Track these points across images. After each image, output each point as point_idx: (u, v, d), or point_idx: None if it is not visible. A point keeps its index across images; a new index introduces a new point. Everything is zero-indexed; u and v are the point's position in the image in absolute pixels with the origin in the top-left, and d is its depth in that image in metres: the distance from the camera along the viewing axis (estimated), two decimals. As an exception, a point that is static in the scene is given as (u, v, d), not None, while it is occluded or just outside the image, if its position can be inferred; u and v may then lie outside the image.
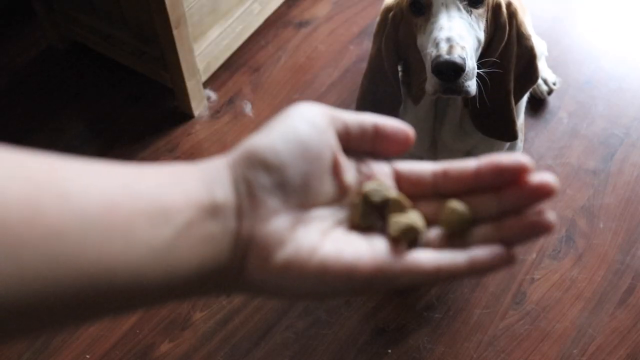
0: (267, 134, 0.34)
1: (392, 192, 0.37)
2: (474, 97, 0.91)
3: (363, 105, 1.08)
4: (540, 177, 0.34)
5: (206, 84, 1.54)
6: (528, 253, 1.29)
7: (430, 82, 0.89)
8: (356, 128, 0.37)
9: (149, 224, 0.30)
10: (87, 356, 1.18)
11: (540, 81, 1.47)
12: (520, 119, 1.07)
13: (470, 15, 0.90)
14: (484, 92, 0.92)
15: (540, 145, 1.44)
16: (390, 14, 0.97)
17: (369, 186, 0.37)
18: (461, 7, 0.89)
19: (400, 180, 0.38)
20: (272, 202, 0.33)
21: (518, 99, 1.01)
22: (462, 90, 0.88)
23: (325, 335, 1.20)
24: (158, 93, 1.55)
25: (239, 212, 0.33)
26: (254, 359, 1.18)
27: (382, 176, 0.38)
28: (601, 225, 1.32)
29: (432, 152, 1.06)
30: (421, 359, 1.17)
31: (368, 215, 0.36)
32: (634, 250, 1.28)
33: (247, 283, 0.34)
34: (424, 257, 0.35)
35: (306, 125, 0.35)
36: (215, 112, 1.52)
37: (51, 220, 0.27)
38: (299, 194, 0.34)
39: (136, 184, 0.31)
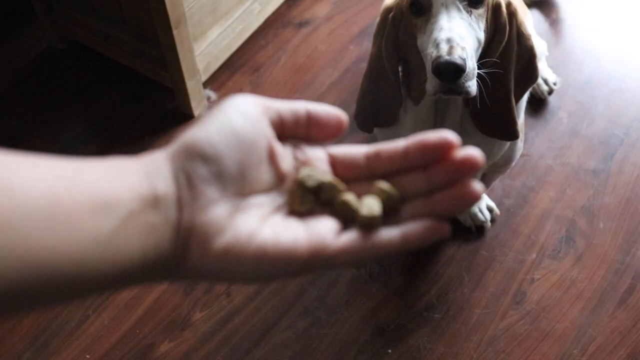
0: (203, 127, 0.36)
1: (327, 176, 0.38)
2: (475, 97, 0.92)
3: (363, 105, 1.08)
4: (465, 151, 0.35)
5: (206, 84, 1.54)
6: (528, 253, 1.29)
7: (431, 83, 0.89)
8: (289, 116, 0.38)
9: (91, 216, 0.31)
10: (87, 356, 1.18)
11: (540, 81, 1.48)
12: (521, 119, 1.07)
13: (471, 16, 0.90)
14: (484, 92, 0.93)
15: (541, 145, 1.44)
16: (390, 14, 0.97)
17: (303, 172, 0.38)
18: (461, 7, 0.89)
19: (336, 164, 0.40)
20: (210, 191, 0.35)
21: (518, 99, 1.01)
22: (463, 91, 0.88)
23: (325, 335, 1.20)
24: (158, 93, 1.55)
25: (179, 203, 0.34)
26: (254, 359, 1.18)
27: (317, 161, 0.39)
28: (601, 225, 1.32)
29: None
30: (421, 358, 1.17)
31: (304, 200, 0.37)
32: (633, 250, 1.28)
33: (189, 269, 0.35)
34: (358, 237, 0.36)
35: (240, 117, 0.36)
36: (215, 112, 1.52)
37: None
38: (236, 183, 0.36)
39: (78, 178, 0.32)
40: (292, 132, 0.39)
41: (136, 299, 1.25)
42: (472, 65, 0.88)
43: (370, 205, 0.36)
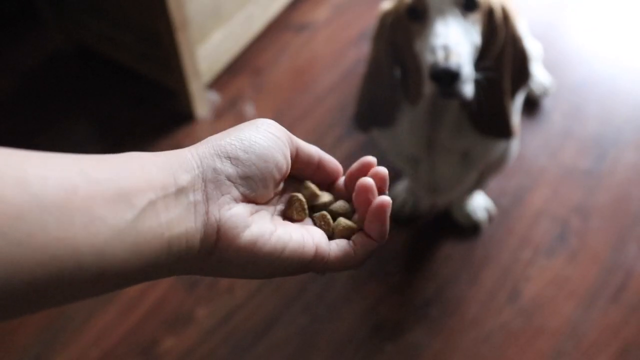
0: (235, 134, 0.39)
1: (325, 196, 0.45)
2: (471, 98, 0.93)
3: (362, 106, 1.09)
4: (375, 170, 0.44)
5: (209, 87, 1.56)
6: (523, 251, 1.31)
7: (428, 87, 0.91)
8: (305, 154, 0.43)
9: (109, 206, 0.31)
10: (93, 351, 1.20)
11: (535, 83, 1.50)
12: (516, 119, 1.09)
13: (466, 21, 0.91)
14: (480, 93, 0.94)
15: (535, 146, 1.46)
16: (388, 19, 0.98)
17: (303, 191, 0.44)
18: (457, 12, 0.90)
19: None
20: (235, 191, 0.37)
21: (511, 98, 1.03)
22: (460, 95, 0.90)
23: (325, 331, 1.22)
24: (161, 95, 1.57)
25: (206, 196, 0.36)
26: (255, 354, 1.20)
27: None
28: (594, 225, 1.34)
29: (429, 152, 1.08)
30: (418, 354, 1.19)
31: (301, 210, 0.43)
32: (626, 249, 1.30)
33: (216, 261, 0.37)
34: (347, 248, 0.42)
35: (271, 134, 0.40)
36: (218, 114, 1.55)
37: (11, 205, 0.28)
38: (257, 189, 0.39)
39: (96, 170, 0.32)
40: (301, 168, 0.43)
41: (141, 295, 1.27)
42: (468, 70, 0.89)
43: (346, 220, 0.44)
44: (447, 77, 0.87)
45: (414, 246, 1.33)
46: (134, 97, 1.58)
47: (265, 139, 0.39)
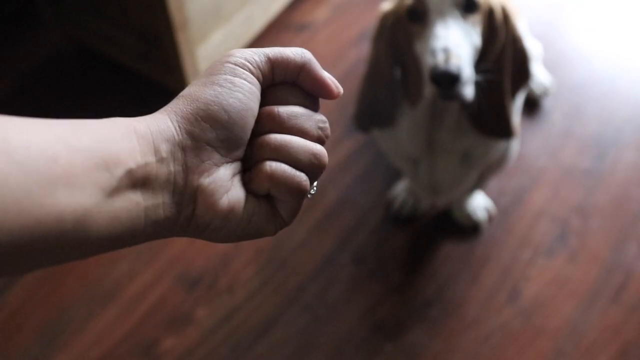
0: (214, 90, 0.37)
1: None
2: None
3: (362, 107, 1.10)
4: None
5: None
6: (523, 251, 1.31)
7: (428, 89, 0.91)
8: (283, 63, 0.40)
9: (90, 175, 0.32)
10: (93, 351, 1.20)
11: (535, 83, 1.50)
12: (517, 119, 1.09)
13: (466, 22, 0.91)
14: (481, 95, 0.94)
15: (535, 145, 1.46)
16: (388, 20, 0.98)
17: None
18: (457, 14, 0.90)
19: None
20: (216, 155, 0.37)
21: (512, 98, 1.03)
22: (460, 97, 0.90)
23: (325, 331, 1.22)
24: (162, 96, 1.57)
25: (185, 164, 0.36)
26: (255, 354, 1.20)
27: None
28: (594, 224, 1.34)
29: (429, 152, 1.08)
30: (418, 354, 1.19)
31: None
32: (626, 249, 1.30)
33: (194, 227, 0.37)
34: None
35: (249, 85, 0.38)
36: (218, 114, 1.55)
37: None
38: (237, 148, 0.38)
39: (78, 138, 0.33)
40: (282, 75, 0.40)
41: (141, 295, 1.27)
42: (468, 72, 0.89)
43: None
44: (448, 80, 0.87)
45: (414, 246, 1.33)
46: (134, 97, 1.58)
47: (242, 91, 0.38)
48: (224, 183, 0.37)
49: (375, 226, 1.35)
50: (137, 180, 0.34)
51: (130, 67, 1.55)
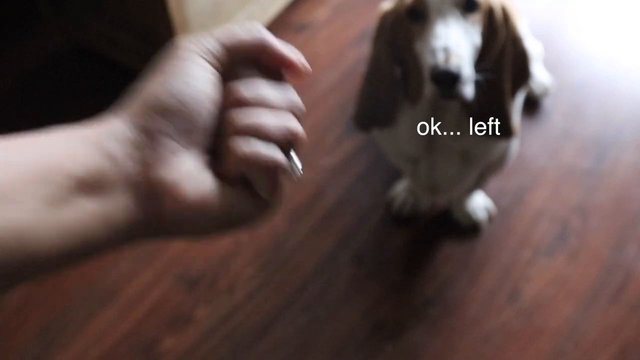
0: (164, 80, 0.36)
1: None
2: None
3: (362, 106, 1.10)
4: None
5: (208, 87, 1.56)
6: (523, 251, 1.31)
7: (428, 88, 0.91)
8: (238, 46, 0.39)
9: (27, 189, 0.30)
10: (93, 351, 1.20)
11: (535, 83, 1.50)
12: (517, 119, 1.09)
13: (467, 21, 0.91)
14: (481, 94, 0.95)
15: (535, 145, 1.46)
16: (388, 19, 0.98)
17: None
18: (457, 13, 0.90)
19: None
20: (175, 145, 0.35)
21: (512, 97, 1.03)
22: (460, 96, 0.90)
23: (325, 330, 1.22)
24: (161, 95, 1.57)
25: (143, 161, 0.34)
26: (255, 354, 1.20)
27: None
28: (594, 224, 1.34)
29: (428, 152, 1.08)
30: (418, 354, 1.19)
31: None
32: (626, 249, 1.30)
33: (164, 224, 0.35)
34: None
35: (201, 68, 0.36)
36: (218, 114, 1.55)
37: None
38: (196, 134, 0.36)
39: (11, 154, 0.31)
40: (242, 56, 0.39)
41: (141, 295, 1.27)
42: (468, 71, 0.89)
43: None
44: (448, 79, 0.87)
45: (414, 246, 1.33)
46: (134, 97, 1.58)
47: (191, 74, 0.36)
48: (191, 174, 0.35)
49: (375, 226, 1.36)
50: (87, 186, 0.32)
51: (130, 67, 1.55)
